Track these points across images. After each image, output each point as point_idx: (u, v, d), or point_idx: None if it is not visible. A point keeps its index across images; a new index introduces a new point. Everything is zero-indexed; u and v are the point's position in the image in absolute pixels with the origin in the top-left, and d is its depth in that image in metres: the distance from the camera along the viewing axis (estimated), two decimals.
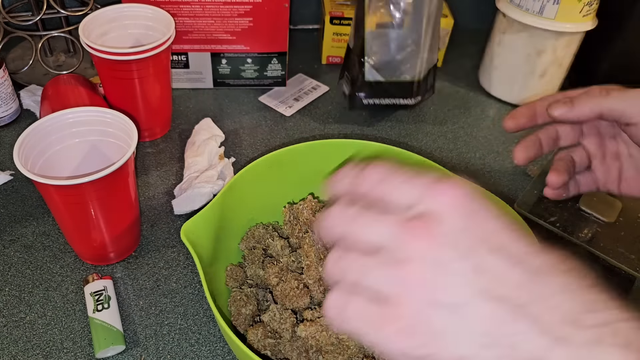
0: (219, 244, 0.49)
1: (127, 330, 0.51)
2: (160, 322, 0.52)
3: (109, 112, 0.53)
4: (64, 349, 0.49)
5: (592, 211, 0.59)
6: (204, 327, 0.52)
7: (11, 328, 0.51)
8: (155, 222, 0.61)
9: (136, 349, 0.50)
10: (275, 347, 0.45)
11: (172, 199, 0.63)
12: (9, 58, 0.81)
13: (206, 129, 0.70)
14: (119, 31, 0.68)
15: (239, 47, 0.76)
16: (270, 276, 0.49)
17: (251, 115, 0.77)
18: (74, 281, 0.55)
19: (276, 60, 0.78)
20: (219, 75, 0.79)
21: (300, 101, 0.79)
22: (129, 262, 0.57)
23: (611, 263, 0.55)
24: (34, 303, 0.53)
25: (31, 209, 0.62)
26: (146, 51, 0.61)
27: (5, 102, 0.69)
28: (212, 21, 0.73)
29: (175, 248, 0.58)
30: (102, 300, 0.51)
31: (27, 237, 0.59)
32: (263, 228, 0.54)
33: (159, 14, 0.67)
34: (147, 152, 0.70)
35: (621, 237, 0.57)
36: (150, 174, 0.67)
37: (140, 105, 0.67)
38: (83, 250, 0.56)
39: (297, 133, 0.74)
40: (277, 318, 0.46)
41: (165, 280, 0.55)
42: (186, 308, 0.53)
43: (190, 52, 0.76)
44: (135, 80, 0.64)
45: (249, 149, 0.71)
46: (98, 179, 0.46)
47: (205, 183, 0.61)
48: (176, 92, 0.79)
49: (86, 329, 0.51)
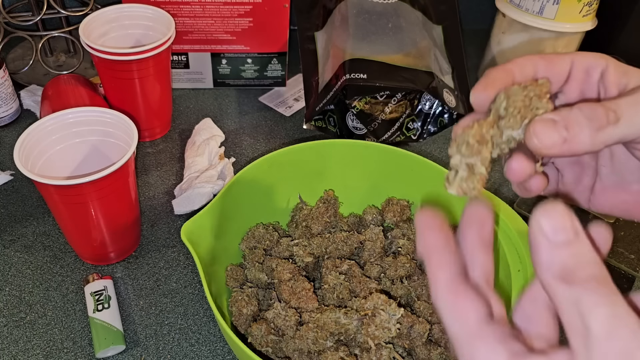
0: (219, 244, 0.49)
1: (127, 330, 0.51)
2: (160, 322, 0.52)
3: (109, 112, 0.53)
4: (64, 348, 0.50)
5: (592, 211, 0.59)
6: (204, 327, 0.52)
7: (11, 328, 0.51)
8: (156, 222, 0.61)
9: (136, 348, 0.50)
10: (277, 345, 0.45)
11: (172, 199, 0.63)
12: (9, 58, 0.81)
13: (206, 129, 0.70)
14: (119, 31, 0.68)
15: (239, 47, 0.76)
16: (284, 271, 0.49)
17: (251, 116, 0.77)
18: (74, 281, 0.55)
19: (276, 61, 0.78)
20: (219, 75, 0.79)
21: (300, 101, 0.79)
22: (129, 262, 0.57)
23: (610, 263, 0.55)
24: (34, 303, 0.53)
25: (31, 209, 0.62)
26: (146, 51, 0.61)
27: (5, 102, 0.70)
28: (212, 21, 0.73)
29: (175, 248, 0.58)
30: (102, 300, 0.51)
31: (27, 237, 0.59)
32: (263, 228, 0.54)
33: (159, 14, 0.67)
34: (147, 152, 0.70)
35: (620, 237, 0.57)
36: (150, 174, 0.67)
37: (140, 106, 0.67)
38: (83, 250, 0.56)
39: (297, 133, 0.74)
40: (281, 315, 0.46)
41: (165, 280, 0.55)
42: (186, 308, 0.53)
43: (190, 52, 0.76)
44: (135, 81, 0.64)
45: (249, 149, 0.71)
46: (98, 179, 0.46)
47: (206, 183, 0.61)
48: (176, 92, 0.79)
49: (86, 329, 0.51)
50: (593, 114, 0.27)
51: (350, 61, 0.67)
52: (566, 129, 0.27)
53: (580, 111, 0.27)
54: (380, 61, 0.68)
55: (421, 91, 0.67)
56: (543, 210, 0.23)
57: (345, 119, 0.68)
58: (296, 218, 0.56)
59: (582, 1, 0.70)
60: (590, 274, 0.21)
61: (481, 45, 0.86)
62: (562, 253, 0.22)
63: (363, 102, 0.67)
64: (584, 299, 0.21)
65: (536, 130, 0.27)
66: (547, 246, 0.22)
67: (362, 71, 0.66)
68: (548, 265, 0.22)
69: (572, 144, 0.27)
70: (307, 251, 0.51)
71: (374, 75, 0.66)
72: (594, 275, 0.21)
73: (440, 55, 0.72)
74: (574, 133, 0.27)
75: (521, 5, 0.74)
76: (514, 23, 0.76)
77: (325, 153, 0.55)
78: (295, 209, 0.57)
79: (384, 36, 0.71)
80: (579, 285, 0.21)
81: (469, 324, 0.24)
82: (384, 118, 0.69)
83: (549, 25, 0.72)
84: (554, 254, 0.22)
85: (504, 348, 0.23)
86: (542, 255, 0.23)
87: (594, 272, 0.22)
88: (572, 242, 0.22)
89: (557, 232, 0.22)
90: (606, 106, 0.27)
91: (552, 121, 0.27)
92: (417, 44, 0.70)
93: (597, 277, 0.21)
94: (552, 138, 0.27)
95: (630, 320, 0.20)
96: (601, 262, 0.22)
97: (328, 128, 0.71)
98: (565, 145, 0.27)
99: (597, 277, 0.21)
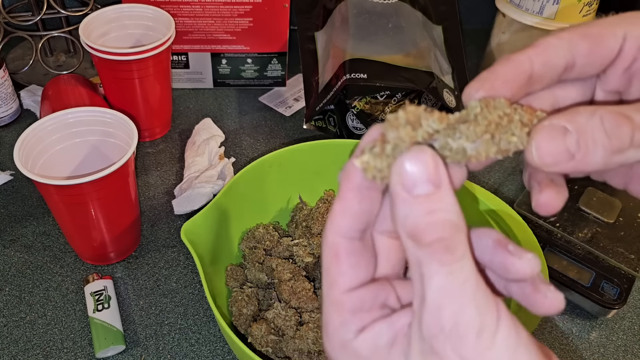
0: (219, 244, 0.49)
1: (127, 330, 0.51)
2: (160, 322, 0.52)
3: (109, 112, 0.53)
4: (64, 348, 0.49)
5: (591, 211, 0.59)
6: (204, 327, 0.52)
7: (11, 328, 0.51)
8: (156, 222, 0.61)
9: (136, 348, 0.50)
10: (277, 345, 0.45)
11: (172, 199, 0.63)
12: (9, 58, 0.81)
13: (206, 129, 0.70)
14: (119, 31, 0.68)
15: (239, 47, 0.76)
16: (284, 270, 0.49)
17: (251, 116, 0.77)
18: (74, 281, 0.55)
19: (276, 61, 0.78)
20: (219, 75, 0.79)
21: (300, 101, 0.79)
22: (129, 262, 0.57)
23: (611, 263, 0.55)
24: (34, 303, 0.53)
25: (31, 209, 0.62)
26: (146, 51, 0.61)
27: (5, 102, 0.69)
28: (212, 21, 0.73)
29: (175, 248, 0.58)
30: (102, 300, 0.51)
31: (27, 237, 0.59)
32: (263, 228, 0.54)
33: (159, 14, 0.67)
34: (147, 152, 0.70)
35: (621, 237, 0.57)
36: (150, 174, 0.67)
37: (140, 106, 0.67)
38: (83, 250, 0.55)
39: (297, 133, 0.74)
40: (282, 315, 0.46)
41: (165, 280, 0.55)
42: (186, 308, 0.53)
43: (190, 52, 0.76)
44: (135, 81, 0.64)
45: (249, 149, 0.71)
46: (98, 179, 0.46)
47: (206, 183, 0.61)
48: (176, 92, 0.79)
49: (86, 329, 0.51)
50: (616, 131, 0.20)
51: (350, 61, 0.67)
52: (578, 144, 0.20)
53: (601, 122, 0.20)
54: (381, 61, 0.67)
55: (421, 91, 0.67)
56: (409, 154, 0.21)
57: (346, 119, 0.68)
58: (296, 218, 0.56)
59: (582, 1, 0.70)
60: (438, 237, 0.20)
61: (481, 45, 0.86)
62: (417, 208, 0.21)
63: (363, 102, 0.67)
64: (424, 264, 0.20)
65: (539, 140, 0.21)
66: (403, 198, 0.21)
67: (362, 71, 0.66)
68: (402, 220, 0.21)
69: (580, 163, 0.21)
70: (307, 251, 0.51)
71: (374, 75, 0.66)
72: (441, 239, 0.20)
73: (440, 55, 0.72)
74: (585, 152, 0.20)
75: (521, 5, 0.74)
76: (514, 23, 0.76)
77: (325, 153, 0.55)
78: (295, 209, 0.57)
79: (384, 36, 0.71)
80: (424, 248, 0.20)
81: (334, 292, 0.23)
82: (384, 118, 0.69)
83: (549, 25, 0.72)
84: (409, 208, 0.21)
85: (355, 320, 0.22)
86: (398, 207, 0.21)
87: (443, 234, 0.20)
88: (431, 196, 0.21)
89: (417, 184, 0.21)
90: (635, 122, 0.20)
91: (563, 130, 0.21)
92: (417, 44, 0.70)
93: (445, 240, 0.20)
94: (557, 153, 0.21)
95: (461, 294, 0.20)
96: (459, 217, 0.21)
97: (328, 128, 0.71)
98: (570, 164, 0.21)
99: (444, 241, 0.20)
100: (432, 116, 0.21)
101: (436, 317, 0.20)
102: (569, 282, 0.54)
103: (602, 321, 0.55)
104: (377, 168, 0.21)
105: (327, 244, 0.23)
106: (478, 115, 0.22)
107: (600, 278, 0.54)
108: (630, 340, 0.54)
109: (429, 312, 0.20)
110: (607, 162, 0.21)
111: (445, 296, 0.20)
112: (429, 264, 0.20)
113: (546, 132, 0.21)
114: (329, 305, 0.23)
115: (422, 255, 0.20)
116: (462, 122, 0.22)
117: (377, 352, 0.22)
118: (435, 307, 0.20)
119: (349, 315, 0.23)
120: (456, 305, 0.20)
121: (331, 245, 0.23)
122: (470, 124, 0.21)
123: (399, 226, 0.21)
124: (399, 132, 0.21)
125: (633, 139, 0.20)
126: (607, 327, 0.55)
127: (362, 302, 0.23)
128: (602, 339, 0.54)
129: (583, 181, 0.61)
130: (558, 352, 0.53)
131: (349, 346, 0.23)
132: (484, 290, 0.20)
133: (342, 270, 0.23)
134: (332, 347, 0.23)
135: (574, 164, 0.21)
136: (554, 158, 0.21)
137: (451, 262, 0.20)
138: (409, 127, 0.21)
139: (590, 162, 0.21)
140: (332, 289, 0.23)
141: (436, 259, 0.20)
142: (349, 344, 0.23)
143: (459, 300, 0.20)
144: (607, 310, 0.53)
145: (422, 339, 0.20)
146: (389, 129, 0.21)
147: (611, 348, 0.53)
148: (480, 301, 0.20)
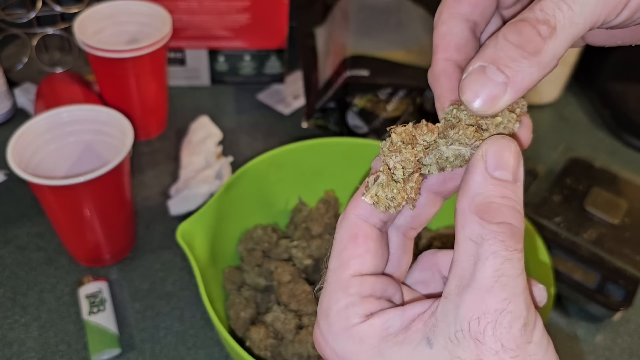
0: (216, 246, 0.48)
1: (122, 333, 0.50)
2: (156, 325, 0.51)
3: (104, 111, 0.53)
4: (59, 352, 0.49)
5: (597, 212, 0.58)
6: (201, 331, 0.51)
7: (5, 331, 0.50)
8: (151, 223, 0.60)
9: (132, 352, 0.49)
10: (276, 349, 0.45)
11: (168, 199, 0.62)
12: (3, 56, 0.81)
13: (203, 127, 0.69)
14: (114, 28, 0.67)
15: (237, 43, 0.76)
16: (284, 272, 0.48)
17: (249, 114, 0.76)
18: (68, 283, 0.54)
19: (275, 58, 0.78)
20: (217, 72, 0.78)
21: (299, 99, 0.78)
22: (125, 263, 0.56)
23: (616, 264, 0.54)
24: (28, 305, 0.52)
25: (25, 209, 0.61)
26: (142, 48, 0.60)
27: None
28: (210, 17, 0.72)
29: (171, 250, 0.58)
30: (97, 303, 0.50)
31: (21, 238, 0.58)
32: (262, 229, 0.53)
33: (155, 10, 0.66)
34: (142, 151, 0.69)
35: (626, 239, 0.56)
36: (145, 173, 0.66)
37: (136, 104, 0.66)
38: (78, 252, 0.55)
39: (297, 132, 0.73)
40: (281, 318, 0.45)
41: (161, 283, 0.55)
42: (183, 311, 0.52)
43: (187, 49, 0.75)
44: (131, 78, 0.63)
45: (246, 148, 0.70)
46: (93, 179, 0.45)
47: (202, 183, 0.61)
48: (172, 90, 0.78)
49: (81, 332, 0.50)
50: (521, 37, 0.21)
51: (351, 58, 0.66)
52: (500, 70, 0.21)
53: (507, 41, 0.21)
54: (382, 58, 0.67)
55: (423, 89, 0.66)
56: (496, 140, 0.21)
57: (346, 117, 0.68)
58: (295, 219, 0.55)
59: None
60: (508, 222, 0.20)
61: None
62: (493, 189, 0.21)
63: (364, 99, 0.66)
64: (486, 243, 0.20)
65: (465, 87, 0.21)
66: (482, 175, 0.21)
67: (363, 68, 0.65)
68: (473, 194, 0.21)
69: (516, 84, 0.21)
70: (307, 253, 0.51)
71: (376, 72, 0.65)
72: (510, 225, 0.20)
73: None
74: (512, 72, 0.21)
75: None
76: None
77: (325, 152, 0.54)
78: (294, 210, 0.56)
79: (386, 32, 0.70)
80: (491, 226, 0.20)
81: (344, 273, 0.23)
82: (386, 116, 0.68)
83: None
84: (485, 186, 0.21)
85: (364, 304, 0.22)
86: (472, 182, 0.21)
87: (512, 221, 0.21)
88: (508, 185, 0.21)
89: (499, 167, 0.21)
90: (530, 20, 0.21)
91: (480, 68, 0.21)
92: (419, 41, 0.70)
93: (512, 227, 0.20)
94: (490, 89, 0.21)
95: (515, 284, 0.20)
96: (523, 219, 0.21)
97: (328, 126, 0.70)
98: (510, 91, 0.21)
99: (512, 228, 0.20)
100: (422, 130, 0.23)
101: (482, 299, 0.20)
102: (574, 284, 0.53)
103: (608, 324, 0.54)
104: (388, 197, 0.22)
105: (347, 223, 0.23)
106: (459, 115, 0.23)
107: (606, 280, 0.53)
108: (636, 343, 0.53)
109: (475, 292, 0.20)
110: (540, 67, 0.21)
111: (499, 281, 0.20)
112: (491, 244, 0.20)
113: (468, 79, 0.21)
114: (334, 286, 0.23)
115: (487, 234, 0.20)
116: (451, 128, 0.23)
117: (387, 338, 0.21)
118: (485, 288, 0.20)
119: (357, 298, 0.22)
120: (508, 293, 0.20)
121: (352, 225, 0.23)
122: (459, 128, 0.22)
123: (465, 200, 0.21)
124: (403, 154, 0.22)
125: (541, 34, 0.21)
126: (613, 330, 0.54)
127: (373, 289, 0.23)
128: (607, 342, 0.53)
129: (588, 181, 0.60)
130: (562, 355, 0.52)
131: (353, 330, 0.22)
132: (528, 289, 0.21)
133: (358, 252, 0.23)
134: (332, 331, 0.22)
135: (511, 89, 0.21)
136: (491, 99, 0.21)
137: (514, 249, 0.20)
138: (409, 147, 0.22)
139: (525, 78, 0.21)
140: (342, 269, 0.23)
141: (500, 240, 0.20)
142: (354, 329, 0.22)
143: (512, 290, 0.20)
144: (613, 312, 0.52)
145: (456, 322, 0.20)
146: (390, 155, 0.22)
147: (617, 351, 0.52)
148: (528, 297, 0.20)
